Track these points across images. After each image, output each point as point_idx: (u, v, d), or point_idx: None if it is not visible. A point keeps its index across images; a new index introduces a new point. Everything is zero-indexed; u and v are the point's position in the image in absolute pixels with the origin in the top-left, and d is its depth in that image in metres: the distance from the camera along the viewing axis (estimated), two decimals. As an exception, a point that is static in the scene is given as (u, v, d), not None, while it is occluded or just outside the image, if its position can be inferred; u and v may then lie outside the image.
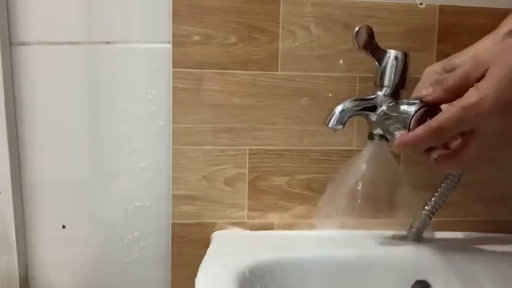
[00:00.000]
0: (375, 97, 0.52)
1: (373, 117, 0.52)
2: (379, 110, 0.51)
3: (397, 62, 0.52)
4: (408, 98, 0.51)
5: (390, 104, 0.51)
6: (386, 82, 0.52)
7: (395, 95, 0.52)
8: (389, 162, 0.56)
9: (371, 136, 0.53)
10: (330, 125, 0.51)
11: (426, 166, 0.49)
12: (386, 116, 0.51)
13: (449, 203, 0.60)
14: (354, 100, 0.52)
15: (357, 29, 0.51)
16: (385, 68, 0.52)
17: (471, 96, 0.42)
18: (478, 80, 0.43)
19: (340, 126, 0.51)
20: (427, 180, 0.60)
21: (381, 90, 0.52)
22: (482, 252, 0.58)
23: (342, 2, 0.60)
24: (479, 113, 0.42)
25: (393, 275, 0.55)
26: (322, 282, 0.54)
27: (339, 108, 0.51)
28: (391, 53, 0.52)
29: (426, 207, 0.58)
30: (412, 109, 0.48)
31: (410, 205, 0.63)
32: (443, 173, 0.57)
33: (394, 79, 0.52)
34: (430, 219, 0.58)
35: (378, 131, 0.53)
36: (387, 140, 0.52)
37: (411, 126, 0.47)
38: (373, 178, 0.57)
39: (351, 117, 0.51)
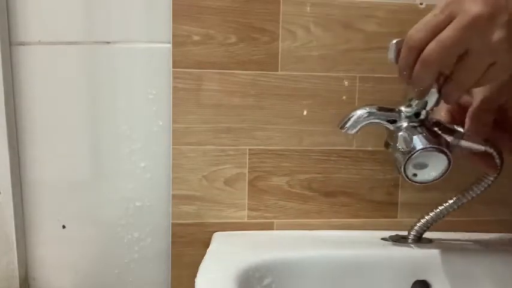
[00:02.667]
0: (397, 111, 0.50)
1: (391, 127, 0.50)
2: (399, 124, 0.49)
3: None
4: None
5: (410, 125, 0.49)
6: (413, 102, 0.49)
7: (418, 115, 0.49)
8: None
9: (387, 146, 0.52)
10: (344, 129, 0.49)
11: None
12: (401, 135, 0.49)
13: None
14: (376, 109, 0.49)
15: (393, 41, 0.48)
16: None
17: (462, 14, 0.41)
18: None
19: (354, 131, 0.49)
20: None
21: (406, 106, 0.50)
22: (482, 252, 0.58)
23: (342, 2, 0.60)
24: (476, 23, 0.40)
25: (393, 275, 0.55)
26: (322, 282, 0.54)
27: (357, 114, 0.49)
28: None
29: (433, 211, 0.58)
30: (419, 145, 0.48)
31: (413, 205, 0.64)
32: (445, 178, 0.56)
33: (421, 101, 0.49)
34: (434, 222, 0.58)
35: None
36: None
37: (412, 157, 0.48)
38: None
39: (367, 124, 0.50)
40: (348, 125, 0.49)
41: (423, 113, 0.49)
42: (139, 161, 0.62)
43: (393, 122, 0.50)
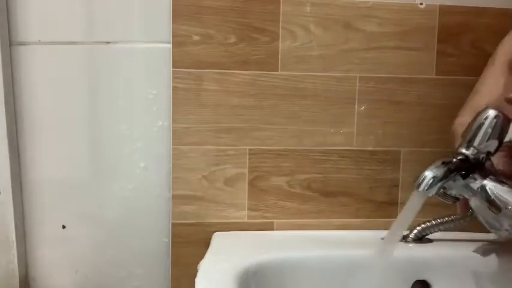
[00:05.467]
0: (463, 160, 0.45)
1: (460, 182, 0.46)
2: (476, 184, 0.45)
3: (496, 123, 0.44)
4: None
5: (493, 184, 0.45)
6: (476, 143, 0.44)
7: (482, 160, 0.45)
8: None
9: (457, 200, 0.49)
10: (420, 189, 0.45)
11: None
12: (480, 191, 0.45)
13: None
14: (443, 164, 0.45)
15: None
16: (480, 126, 0.44)
17: None
18: None
19: (432, 192, 0.45)
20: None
21: (467, 150, 0.45)
22: (482, 252, 0.58)
23: (342, 2, 0.60)
24: None
25: (393, 275, 0.55)
26: (322, 282, 0.54)
27: (429, 174, 0.45)
28: (491, 113, 0.44)
29: (439, 219, 0.58)
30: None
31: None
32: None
33: (487, 143, 0.44)
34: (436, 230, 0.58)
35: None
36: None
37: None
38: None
39: (443, 183, 0.45)
40: (423, 185, 0.45)
41: (481, 156, 0.45)
42: (139, 161, 0.62)
43: (465, 175, 0.45)
